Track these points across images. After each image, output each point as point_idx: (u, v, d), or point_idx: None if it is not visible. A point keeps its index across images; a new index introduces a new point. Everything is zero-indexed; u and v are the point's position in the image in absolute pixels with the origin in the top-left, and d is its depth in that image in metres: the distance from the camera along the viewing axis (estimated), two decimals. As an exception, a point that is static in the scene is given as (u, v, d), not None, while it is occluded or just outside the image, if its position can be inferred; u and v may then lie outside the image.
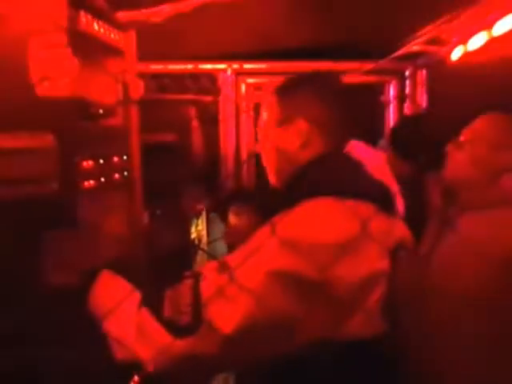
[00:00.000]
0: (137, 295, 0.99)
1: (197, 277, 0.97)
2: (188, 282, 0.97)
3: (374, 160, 1.13)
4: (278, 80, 1.20)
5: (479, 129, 1.44)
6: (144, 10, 1.97)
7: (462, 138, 1.46)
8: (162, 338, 0.92)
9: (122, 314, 0.95)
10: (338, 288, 0.90)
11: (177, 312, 0.93)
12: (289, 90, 1.14)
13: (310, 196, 0.97)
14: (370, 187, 1.03)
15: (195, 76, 2.76)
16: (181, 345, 0.91)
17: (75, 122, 1.08)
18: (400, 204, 1.14)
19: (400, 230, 1.07)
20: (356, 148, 1.14)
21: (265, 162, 1.17)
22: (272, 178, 1.16)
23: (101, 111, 1.23)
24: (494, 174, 1.35)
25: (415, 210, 1.72)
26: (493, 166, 1.35)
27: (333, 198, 0.95)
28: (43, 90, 1.03)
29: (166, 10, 2.01)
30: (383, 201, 1.03)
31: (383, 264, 0.98)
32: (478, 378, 1.23)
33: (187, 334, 0.91)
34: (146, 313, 0.95)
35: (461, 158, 1.42)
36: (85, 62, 1.13)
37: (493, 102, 2.05)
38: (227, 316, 0.89)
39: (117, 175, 1.31)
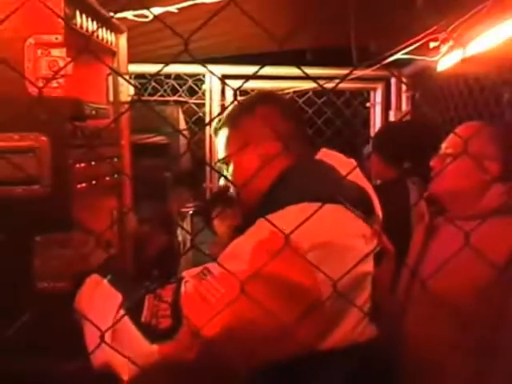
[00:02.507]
0: (118, 299, 0.96)
1: (178, 282, 0.95)
2: (169, 287, 0.95)
3: (347, 165, 1.12)
4: (264, 84, 1.21)
5: (462, 140, 1.45)
6: (133, 11, 1.96)
7: (445, 150, 1.47)
8: (137, 343, 0.89)
9: (102, 318, 0.91)
10: (326, 292, 0.88)
11: (155, 317, 0.90)
12: (236, 118, 1.16)
13: (289, 201, 0.96)
14: (348, 191, 1.03)
15: (182, 78, 2.75)
16: (157, 350, 0.88)
17: (68, 123, 1.06)
18: (378, 207, 1.15)
19: (378, 233, 1.08)
20: (327, 155, 1.15)
21: (236, 191, 1.19)
22: (243, 206, 1.17)
23: (93, 112, 1.20)
24: (481, 184, 1.37)
25: (398, 215, 1.74)
26: (479, 176, 1.37)
27: (311, 202, 0.93)
28: (37, 89, 1.00)
29: (154, 11, 2.00)
30: (361, 203, 1.04)
31: (369, 266, 0.99)
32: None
33: (165, 339, 0.88)
34: (123, 317, 0.91)
35: (446, 170, 1.43)
36: (78, 62, 1.11)
37: (475, 111, 2.10)
38: (209, 319, 0.86)
39: (108, 178, 1.29)
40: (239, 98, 2.76)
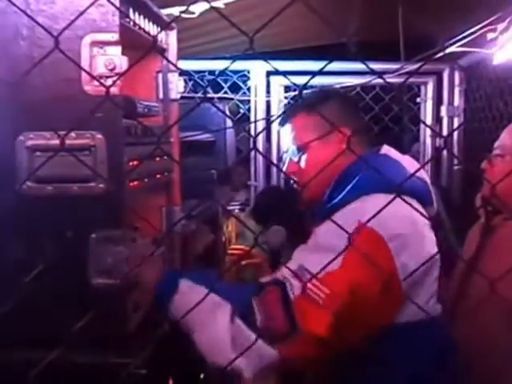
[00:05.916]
0: (227, 307, 1.00)
1: (281, 284, 1.01)
2: (273, 290, 1.01)
3: (407, 160, 1.21)
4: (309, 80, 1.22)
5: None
6: (178, 8, 1.96)
7: (497, 152, 1.43)
8: (258, 347, 0.95)
9: (214, 326, 0.99)
10: (404, 274, 1.00)
11: (269, 320, 0.98)
12: (319, 104, 1.21)
13: (366, 191, 1.07)
14: (415, 183, 1.13)
15: (223, 74, 2.74)
16: (278, 351, 0.97)
17: (123, 121, 1.06)
18: (434, 198, 1.23)
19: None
20: (389, 151, 1.22)
21: (301, 180, 1.22)
22: (309, 195, 1.21)
23: (146, 110, 1.21)
24: None
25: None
26: None
27: (387, 193, 1.01)
28: (93, 88, 1.01)
29: (198, 7, 1.99)
30: (425, 195, 1.16)
31: (435, 250, 1.09)
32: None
33: (284, 341, 0.97)
34: (239, 324, 0.98)
35: (499, 173, 1.39)
36: (131, 60, 1.11)
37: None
38: (321, 319, 0.95)
39: (158, 176, 1.29)
40: (284, 94, 2.73)
